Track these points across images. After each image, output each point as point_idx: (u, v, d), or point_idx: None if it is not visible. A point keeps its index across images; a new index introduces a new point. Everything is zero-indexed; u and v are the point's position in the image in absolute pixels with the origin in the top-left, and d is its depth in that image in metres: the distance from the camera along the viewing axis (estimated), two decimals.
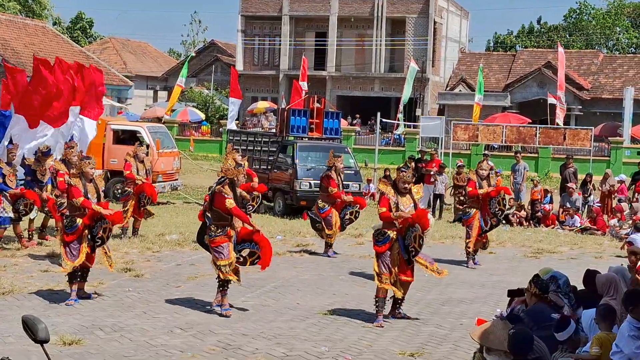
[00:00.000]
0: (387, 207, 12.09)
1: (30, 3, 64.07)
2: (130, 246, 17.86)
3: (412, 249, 12.02)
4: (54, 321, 11.43)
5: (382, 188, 12.34)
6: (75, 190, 12.87)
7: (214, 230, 12.33)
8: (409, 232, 12.02)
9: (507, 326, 7.33)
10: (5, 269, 15.02)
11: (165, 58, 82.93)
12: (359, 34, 59.77)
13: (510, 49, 78.06)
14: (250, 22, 61.83)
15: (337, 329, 11.78)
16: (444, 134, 37.10)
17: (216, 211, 12.32)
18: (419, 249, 12.11)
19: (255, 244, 12.44)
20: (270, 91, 60.62)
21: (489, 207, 17.44)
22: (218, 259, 12.28)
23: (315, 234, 19.15)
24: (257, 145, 27.81)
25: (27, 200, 16.98)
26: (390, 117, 49.41)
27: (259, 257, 12.56)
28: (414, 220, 12.00)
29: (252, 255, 12.52)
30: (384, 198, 12.19)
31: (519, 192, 27.71)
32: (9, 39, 43.60)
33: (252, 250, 12.47)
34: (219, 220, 12.32)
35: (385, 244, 12.12)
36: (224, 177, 12.45)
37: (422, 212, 12.32)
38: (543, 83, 53.33)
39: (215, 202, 12.30)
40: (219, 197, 12.24)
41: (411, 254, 12.05)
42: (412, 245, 12.01)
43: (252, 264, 12.67)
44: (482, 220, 17.45)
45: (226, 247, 12.29)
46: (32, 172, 17.77)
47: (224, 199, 12.17)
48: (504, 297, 10.73)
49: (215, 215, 12.35)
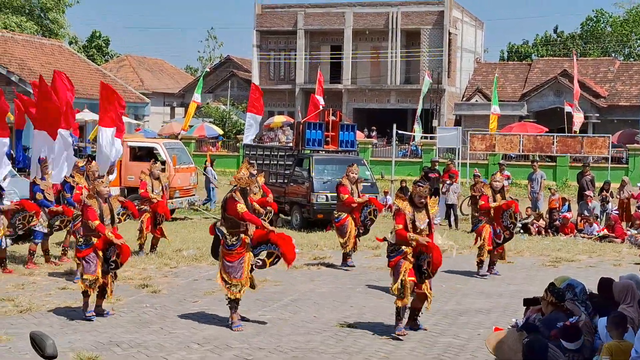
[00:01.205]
0: (403, 224, 11.99)
1: (47, 23, 64.43)
2: (147, 262, 17.90)
3: (425, 271, 11.97)
4: (71, 338, 11.46)
5: (399, 204, 12.22)
6: (91, 212, 12.84)
7: (229, 239, 12.31)
8: (423, 256, 11.97)
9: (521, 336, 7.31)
10: (24, 287, 15.08)
11: (182, 74, 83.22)
12: (374, 46, 59.81)
13: (525, 58, 77.90)
14: (265, 37, 62.01)
15: (354, 341, 11.75)
16: (461, 145, 37.04)
17: (230, 219, 12.31)
18: (432, 274, 12.04)
19: (272, 244, 12.43)
20: (286, 105, 60.74)
21: (501, 220, 17.37)
22: (231, 277, 12.28)
23: (333, 247, 19.13)
24: (273, 159, 27.85)
25: (64, 217, 17.05)
26: (407, 129, 49.36)
27: (277, 256, 12.55)
28: (428, 250, 11.93)
29: (271, 256, 12.52)
30: (400, 214, 12.06)
31: (536, 201, 27.63)
32: (25, 58, 43.89)
33: (270, 251, 12.47)
34: (234, 228, 12.31)
35: (396, 257, 12.02)
36: (235, 186, 12.51)
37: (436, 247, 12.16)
38: (559, 92, 53.17)
39: (228, 209, 12.31)
40: (231, 203, 12.26)
41: (423, 275, 11.99)
42: (425, 268, 11.97)
43: (272, 264, 12.68)
44: (494, 232, 17.40)
45: (240, 266, 12.28)
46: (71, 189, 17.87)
47: (235, 204, 12.19)
48: (521, 306, 10.68)
49: (229, 223, 12.34)
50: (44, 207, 17.06)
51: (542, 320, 9.05)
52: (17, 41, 45.82)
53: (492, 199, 17.44)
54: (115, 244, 12.77)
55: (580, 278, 10.71)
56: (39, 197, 17.16)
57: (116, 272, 13.26)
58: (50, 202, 17.18)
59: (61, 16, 65.71)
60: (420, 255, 11.98)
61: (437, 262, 11.95)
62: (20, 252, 18.33)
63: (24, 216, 16.32)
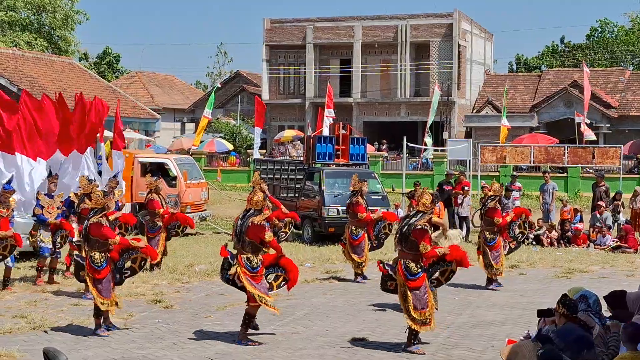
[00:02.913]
0: (430, 243, 11.88)
1: (57, 40, 64.72)
2: (159, 278, 17.91)
3: (435, 281, 11.93)
4: (84, 354, 11.47)
5: (427, 224, 12.07)
6: (107, 230, 12.80)
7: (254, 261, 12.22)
8: (436, 266, 11.93)
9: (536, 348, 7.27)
10: (36, 303, 15.11)
11: (192, 90, 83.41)
12: (383, 59, 59.82)
13: (533, 69, 77.82)
14: (274, 51, 62.09)
15: (367, 355, 11.72)
16: (471, 157, 36.99)
17: (251, 243, 12.26)
18: (444, 282, 12.02)
19: (280, 267, 12.43)
20: (296, 119, 60.77)
21: (508, 232, 17.39)
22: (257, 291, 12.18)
23: (344, 260, 19.13)
24: (284, 174, 27.88)
25: (64, 231, 17.04)
26: (417, 142, 49.33)
27: (284, 279, 12.55)
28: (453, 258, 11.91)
29: (277, 279, 12.51)
30: (427, 235, 11.81)
31: (548, 212, 27.57)
32: (36, 76, 44.06)
33: (277, 274, 12.46)
34: (256, 251, 12.31)
35: (421, 275, 11.82)
36: (250, 209, 12.38)
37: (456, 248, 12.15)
38: (570, 102, 53.06)
39: (250, 234, 12.22)
40: (258, 229, 12.18)
41: (433, 284, 11.95)
42: (439, 278, 11.93)
43: (278, 287, 12.66)
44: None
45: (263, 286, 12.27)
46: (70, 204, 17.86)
47: (263, 232, 12.13)
48: (534, 318, 10.63)
49: (250, 247, 12.25)
50: (43, 223, 17.09)
51: (555, 331, 9.00)
52: (28, 59, 46.01)
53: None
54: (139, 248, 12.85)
55: (593, 289, 10.67)
56: (36, 212, 17.16)
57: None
58: (46, 218, 17.14)
59: (70, 33, 66.00)
60: (433, 266, 11.94)
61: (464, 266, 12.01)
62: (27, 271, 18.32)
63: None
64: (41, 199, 17.25)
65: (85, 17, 67.33)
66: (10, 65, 43.30)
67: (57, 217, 17.23)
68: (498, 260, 17.33)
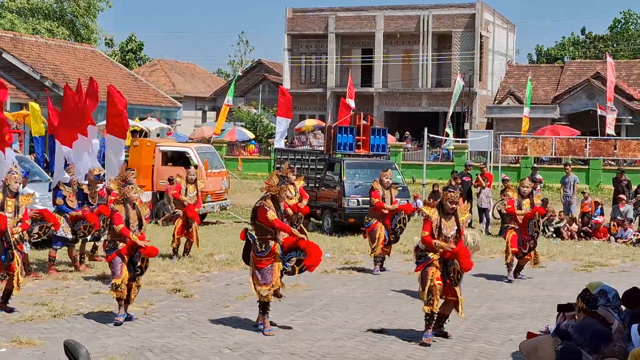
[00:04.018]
0: (430, 231, 11.95)
1: (79, 27, 64.91)
2: (179, 267, 17.97)
3: (452, 278, 11.91)
4: (104, 343, 11.53)
5: (426, 210, 12.19)
6: (117, 216, 12.96)
7: (259, 246, 12.35)
8: (449, 262, 11.92)
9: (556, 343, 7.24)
10: (57, 291, 15.19)
11: (214, 78, 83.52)
12: (405, 49, 59.75)
13: (555, 60, 77.43)
14: (296, 40, 62.12)
15: (385, 346, 11.73)
16: (492, 148, 36.91)
17: (259, 225, 12.34)
18: (457, 281, 11.95)
19: (301, 251, 12.41)
20: (317, 109, 60.80)
21: (527, 229, 17.27)
22: (260, 283, 12.29)
23: (364, 251, 19.13)
24: (304, 163, 27.89)
25: (86, 222, 17.04)
26: (438, 132, 49.25)
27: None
28: (453, 256, 11.87)
29: (299, 263, 12.49)
30: (427, 221, 12.04)
31: (569, 205, 27.46)
32: (59, 63, 44.25)
33: (299, 258, 12.44)
34: (263, 235, 12.34)
35: (423, 263, 12.00)
36: (267, 192, 12.51)
37: (463, 252, 12.06)
38: (592, 94, 52.83)
39: (258, 216, 12.32)
40: (261, 210, 12.27)
41: (452, 281, 11.93)
42: (452, 275, 11.92)
43: (300, 271, 12.63)
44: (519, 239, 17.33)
45: (271, 271, 12.30)
46: (84, 196, 17.88)
47: (265, 212, 12.20)
48: (554, 312, 10.62)
49: (258, 229, 12.37)
50: (64, 213, 17.12)
51: (575, 326, 8.99)
52: (51, 46, 46.22)
53: (519, 204, 17.40)
54: (139, 245, 12.84)
55: (613, 283, 10.62)
56: (58, 202, 17.21)
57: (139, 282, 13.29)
58: (70, 209, 17.21)
59: (92, 21, 66.18)
60: (447, 262, 11.93)
61: (465, 267, 11.93)
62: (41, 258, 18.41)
63: (41, 226, 16.23)
64: (63, 189, 17.32)
65: (108, 5, 67.53)
66: (34, 53, 43.51)
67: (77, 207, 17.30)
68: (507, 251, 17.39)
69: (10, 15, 60.14)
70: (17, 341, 11.40)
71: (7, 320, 12.86)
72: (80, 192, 17.77)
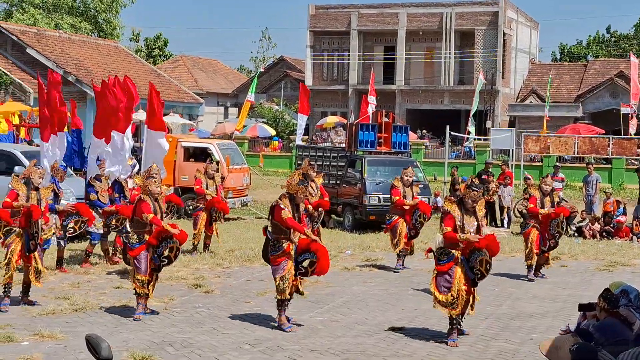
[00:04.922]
0: (452, 227, 11.91)
1: (101, 23, 65.13)
2: (200, 262, 18.02)
3: (478, 272, 11.85)
4: (125, 337, 11.59)
5: (448, 206, 12.13)
6: (145, 205, 13.00)
7: (272, 246, 12.39)
8: (474, 255, 11.85)
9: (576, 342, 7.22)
10: (79, 285, 15.28)
11: (236, 75, 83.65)
12: (427, 47, 59.61)
13: (579, 59, 77.05)
14: (319, 37, 62.11)
15: (405, 344, 11.72)
16: (514, 146, 36.77)
17: (275, 224, 12.37)
18: (485, 273, 11.91)
19: (313, 253, 12.42)
20: (339, 106, 60.77)
21: (549, 228, 17.21)
22: (276, 279, 12.34)
23: (385, 248, 19.11)
24: (325, 160, 27.88)
25: (119, 216, 17.07)
26: (460, 130, 49.13)
27: None
28: (481, 246, 11.82)
29: (312, 265, 12.50)
30: (449, 216, 11.97)
31: (591, 204, 27.32)
32: (82, 59, 44.47)
33: (312, 260, 12.45)
34: (278, 234, 12.35)
35: (448, 262, 11.89)
36: (285, 192, 12.54)
37: (491, 237, 12.07)
38: (615, 93, 52.53)
39: (274, 215, 12.35)
40: (277, 209, 12.30)
41: (477, 276, 11.87)
42: (479, 268, 11.85)
43: (312, 273, 12.65)
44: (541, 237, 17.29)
45: (285, 263, 12.31)
46: (120, 189, 17.97)
47: (280, 211, 12.22)
48: (575, 311, 10.56)
49: (274, 228, 12.40)
50: (97, 208, 17.22)
51: (595, 326, 8.95)
52: (74, 42, 46.44)
53: (541, 202, 17.32)
54: (173, 234, 12.88)
55: (635, 283, 10.57)
56: (92, 198, 17.33)
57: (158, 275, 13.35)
58: (103, 204, 17.32)
59: (115, 17, 66.36)
60: (472, 256, 11.88)
61: (495, 252, 11.93)
62: (76, 252, 18.55)
63: (76, 221, 16.33)
64: (95, 185, 17.42)
65: (131, 0, 67.67)
66: (57, 48, 43.73)
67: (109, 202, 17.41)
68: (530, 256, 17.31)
69: (33, 10, 60.40)
70: (39, 334, 11.48)
71: (29, 313, 12.95)
72: (118, 185, 17.88)
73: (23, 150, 22.97)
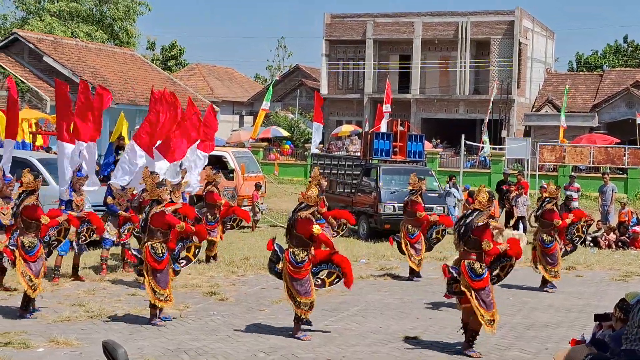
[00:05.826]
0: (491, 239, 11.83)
1: (117, 31, 65.33)
2: (215, 270, 18.05)
3: (496, 277, 11.85)
4: (140, 344, 11.62)
5: (493, 223, 12.11)
6: (172, 217, 13.00)
7: (299, 255, 12.26)
8: (498, 261, 11.84)
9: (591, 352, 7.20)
10: (94, 292, 15.32)
11: (251, 83, 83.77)
12: (443, 56, 59.54)
13: (595, 69, 76.82)
14: (334, 46, 62.14)
15: (420, 353, 11.72)
16: (530, 156, 36.72)
17: (298, 237, 12.31)
18: (503, 277, 11.97)
19: (334, 264, 12.39)
20: (355, 114, 60.74)
21: (566, 234, 17.24)
22: (301, 294, 12.23)
23: (399, 257, 19.11)
24: (341, 169, 27.90)
25: (132, 224, 16.98)
26: (475, 139, 49.08)
27: (338, 277, 12.53)
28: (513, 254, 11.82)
29: (331, 276, 12.47)
30: (488, 230, 11.73)
31: (607, 214, 27.24)
32: (98, 67, 44.60)
33: (330, 270, 12.42)
34: (301, 246, 12.30)
35: (485, 276, 11.65)
36: (305, 204, 12.43)
37: (515, 242, 12.06)
38: (631, 103, 52.37)
39: (299, 228, 12.25)
40: (305, 222, 12.20)
41: (493, 280, 11.86)
42: (499, 274, 11.86)
43: (331, 284, 12.64)
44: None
45: (309, 283, 12.25)
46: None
47: (310, 225, 12.13)
48: (590, 321, 10.56)
49: (296, 240, 12.33)
50: (113, 213, 17.26)
51: (611, 336, 8.92)
52: (90, 50, 46.59)
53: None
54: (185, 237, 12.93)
55: None
56: (109, 202, 17.36)
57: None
58: (117, 209, 17.31)
59: (132, 25, 66.54)
60: (496, 262, 11.88)
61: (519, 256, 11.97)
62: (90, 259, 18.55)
63: (87, 228, 16.39)
64: (114, 190, 17.45)
65: (148, 9, 67.83)
66: (74, 56, 43.88)
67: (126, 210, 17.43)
68: (556, 264, 17.19)
69: (50, 18, 60.65)
70: (55, 341, 11.52)
71: (44, 320, 13.01)
72: None
73: (40, 158, 23.04)
